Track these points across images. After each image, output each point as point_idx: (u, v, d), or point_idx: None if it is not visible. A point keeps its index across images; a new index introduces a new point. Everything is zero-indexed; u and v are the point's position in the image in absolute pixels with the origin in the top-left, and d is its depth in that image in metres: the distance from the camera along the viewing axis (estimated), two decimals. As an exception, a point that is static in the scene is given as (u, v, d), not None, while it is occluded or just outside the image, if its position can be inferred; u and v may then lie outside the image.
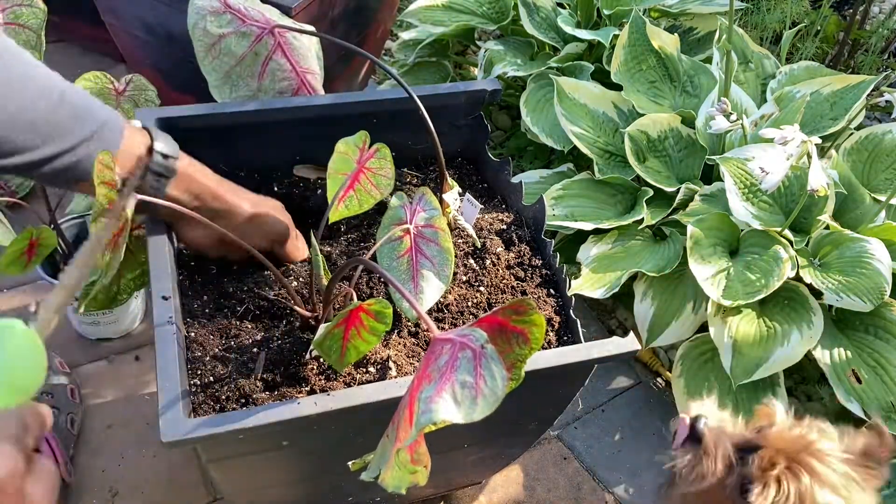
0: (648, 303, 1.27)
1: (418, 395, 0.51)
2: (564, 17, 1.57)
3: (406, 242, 0.82)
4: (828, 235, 1.21)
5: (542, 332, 0.55)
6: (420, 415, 0.49)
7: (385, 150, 0.88)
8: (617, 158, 1.41)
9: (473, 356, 0.50)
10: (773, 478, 0.69)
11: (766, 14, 1.81)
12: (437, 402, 0.49)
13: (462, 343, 0.52)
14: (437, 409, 0.49)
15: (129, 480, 1.15)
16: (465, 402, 0.49)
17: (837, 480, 0.69)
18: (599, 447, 1.30)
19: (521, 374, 0.56)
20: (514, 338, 0.55)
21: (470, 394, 0.49)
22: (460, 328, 0.54)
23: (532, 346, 0.55)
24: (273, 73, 1.04)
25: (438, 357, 0.53)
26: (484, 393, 0.48)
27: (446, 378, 0.50)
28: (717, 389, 1.20)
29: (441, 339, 0.54)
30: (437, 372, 0.52)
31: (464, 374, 0.50)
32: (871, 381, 1.13)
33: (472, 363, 0.50)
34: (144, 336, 1.34)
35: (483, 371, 0.49)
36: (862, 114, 1.41)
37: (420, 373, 0.54)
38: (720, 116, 1.19)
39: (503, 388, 0.49)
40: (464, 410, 0.48)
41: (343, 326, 0.71)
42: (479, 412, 0.48)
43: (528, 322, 0.55)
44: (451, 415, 0.48)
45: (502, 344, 0.56)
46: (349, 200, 0.85)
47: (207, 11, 1.00)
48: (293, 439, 0.78)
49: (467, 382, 0.49)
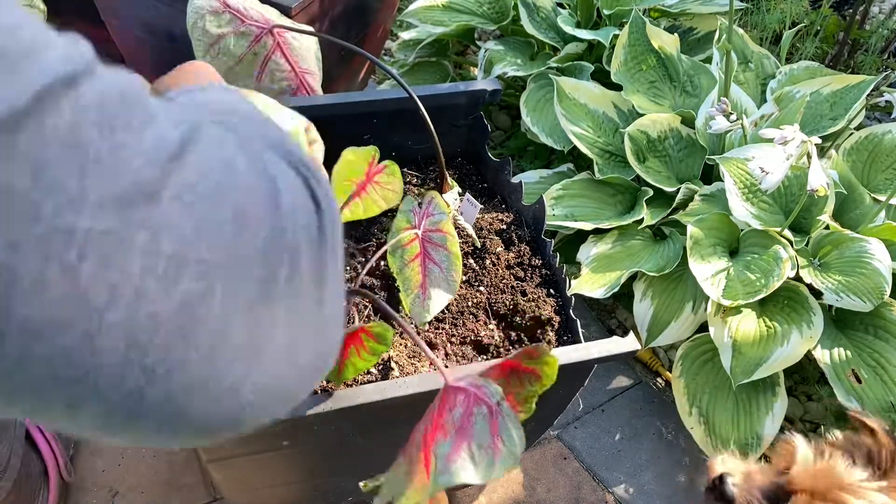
0: (648, 302, 1.27)
1: (434, 449, 0.52)
2: (564, 17, 1.57)
3: (416, 247, 0.82)
4: (828, 235, 1.21)
5: (554, 370, 0.56)
6: (438, 474, 0.51)
7: (394, 167, 0.88)
8: (617, 158, 1.41)
9: (490, 413, 0.51)
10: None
11: (766, 14, 1.81)
12: (456, 463, 0.50)
13: (477, 396, 0.52)
14: (456, 470, 0.50)
15: (129, 480, 1.15)
16: (483, 464, 0.50)
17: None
18: (599, 447, 1.30)
19: (531, 407, 0.57)
20: (527, 377, 0.57)
21: (487, 455, 0.50)
22: (474, 374, 0.54)
23: (544, 382, 0.57)
24: (272, 73, 1.04)
25: (453, 409, 0.54)
26: (502, 454, 0.50)
27: (462, 437, 0.51)
28: (717, 389, 1.20)
29: (454, 387, 0.55)
30: (453, 426, 0.52)
31: (481, 435, 0.51)
32: (871, 380, 1.13)
33: (489, 422, 0.51)
34: (144, 336, 1.33)
35: (501, 432, 0.50)
36: (862, 114, 1.41)
37: (433, 419, 0.54)
38: (720, 116, 1.19)
39: (521, 448, 0.50)
40: (482, 471, 0.50)
41: (341, 345, 0.71)
42: (496, 472, 0.49)
43: (540, 363, 0.56)
44: (469, 477, 0.50)
45: (515, 384, 0.57)
46: (354, 207, 0.86)
47: (207, 11, 1.00)
48: (293, 439, 0.78)
49: (484, 444, 0.50)
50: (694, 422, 1.20)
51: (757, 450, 1.16)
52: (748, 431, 1.17)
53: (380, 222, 1.02)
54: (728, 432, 1.18)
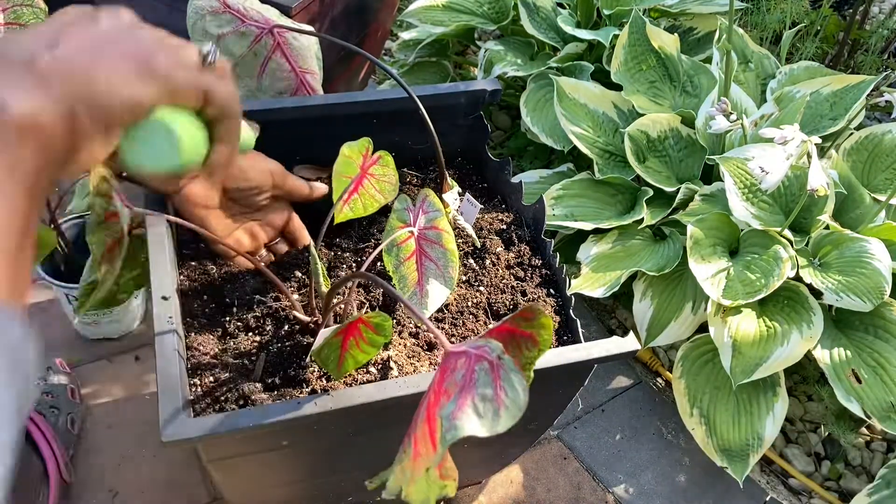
0: (648, 302, 1.27)
1: (438, 412, 0.52)
2: (564, 17, 1.57)
3: (411, 245, 0.82)
4: (828, 235, 1.21)
5: (550, 333, 0.56)
6: (445, 431, 0.50)
7: (387, 157, 0.88)
8: (617, 158, 1.41)
9: (491, 368, 0.51)
10: None
11: (766, 14, 1.81)
12: (461, 418, 0.49)
13: (478, 355, 0.52)
14: (461, 424, 0.49)
15: (129, 480, 1.15)
16: (489, 415, 0.49)
17: None
18: (599, 447, 1.30)
19: (530, 374, 0.57)
20: (524, 342, 0.57)
21: (492, 406, 0.49)
22: (473, 340, 0.54)
23: (541, 347, 0.56)
24: (272, 73, 1.04)
25: (454, 371, 0.53)
26: (506, 404, 0.49)
27: (466, 392, 0.51)
28: (718, 390, 1.20)
29: (455, 352, 0.54)
30: (455, 386, 0.52)
31: (484, 387, 0.50)
32: (871, 381, 1.13)
33: (491, 375, 0.50)
34: (144, 336, 1.34)
35: (503, 383, 0.50)
36: (862, 114, 1.41)
37: (435, 387, 0.54)
38: (720, 116, 1.19)
39: (525, 398, 0.49)
40: (487, 423, 0.49)
41: (341, 337, 0.71)
42: (502, 424, 0.48)
43: (536, 325, 0.56)
44: (475, 429, 0.49)
45: (513, 349, 0.57)
46: (353, 203, 0.86)
47: (207, 11, 1.00)
48: (293, 439, 0.78)
49: (488, 395, 0.49)
50: (695, 422, 1.20)
51: (758, 450, 1.16)
52: (749, 432, 1.17)
53: (380, 222, 1.02)
54: (729, 433, 1.18)
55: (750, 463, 1.16)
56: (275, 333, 0.86)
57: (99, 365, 1.29)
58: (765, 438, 1.16)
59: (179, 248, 0.94)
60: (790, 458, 1.31)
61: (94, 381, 1.26)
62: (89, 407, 1.23)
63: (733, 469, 1.16)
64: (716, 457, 1.18)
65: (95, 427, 1.21)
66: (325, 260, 0.96)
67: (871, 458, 1.32)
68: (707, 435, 1.19)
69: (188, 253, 0.94)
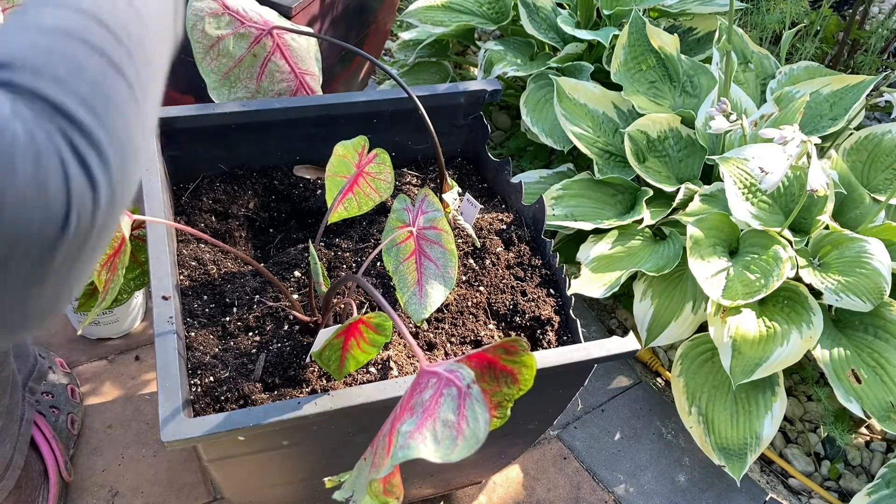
0: (648, 302, 1.27)
1: (398, 427, 0.51)
2: (564, 18, 1.57)
3: (410, 245, 0.82)
4: (827, 235, 1.21)
5: (532, 374, 0.54)
6: (397, 448, 0.49)
7: (384, 155, 0.88)
8: (617, 158, 1.42)
9: (458, 395, 0.49)
10: None
11: (765, 14, 1.81)
12: (416, 438, 0.48)
13: (448, 379, 0.51)
14: (415, 445, 0.48)
15: (129, 480, 1.15)
16: (445, 442, 0.48)
17: None
18: (599, 447, 1.30)
19: (506, 413, 0.55)
20: (503, 377, 0.55)
21: (451, 433, 0.48)
22: (449, 361, 0.53)
23: (521, 386, 0.55)
24: (272, 74, 1.04)
25: (423, 391, 0.52)
26: (465, 434, 0.48)
27: (428, 414, 0.49)
28: (717, 389, 1.20)
29: (428, 371, 0.53)
30: (421, 406, 0.51)
31: (446, 413, 0.49)
32: (871, 380, 1.13)
33: (456, 402, 0.49)
34: (144, 336, 1.34)
35: (466, 412, 0.48)
36: (861, 114, 1.41)
37: (404, 402, 0.53)
38: (720, 116, 1.19)
39: (485, 432, 0.47)
40: (442, 450, 0.48)
41: (342, 338, 0.71)
42: (457, 453, 0.47)
43: (518, 362, 0.54)
44: (428, 453, 0.47)
45: (490, 382, 0.55)
46: (348, 202, 0.86)
47: (206, 13, 1.00)
48: (293, 439, 0.78)
49: (449, 421, 0.48)
50: (693, 421, 1.20)
51: (756, 449, 1.16)
52: (747, 431, 1.17)
53: (379, 223, 1.02)
54: (727, 431, 1.18)
55: (748, 462, 1.16)
56: (275, 333, 0.86)
57: (99, 365, 1.29)
58: (763, 438, 1.16)
59: (179, 249, 0.94)
60: (790, 458, 1.31)
61: (94, 381, 1.27)
62: (89, 407, 1.23)
63: (731, 468, 1.16)
64: (713, 455, 1.18)
65: (95, 427, 1.21)
66: (324, 260, 0.96)
67: (871, 458, 1.33)
68: (705, 433, 1.19)
69: (188, 253, 0.94)
